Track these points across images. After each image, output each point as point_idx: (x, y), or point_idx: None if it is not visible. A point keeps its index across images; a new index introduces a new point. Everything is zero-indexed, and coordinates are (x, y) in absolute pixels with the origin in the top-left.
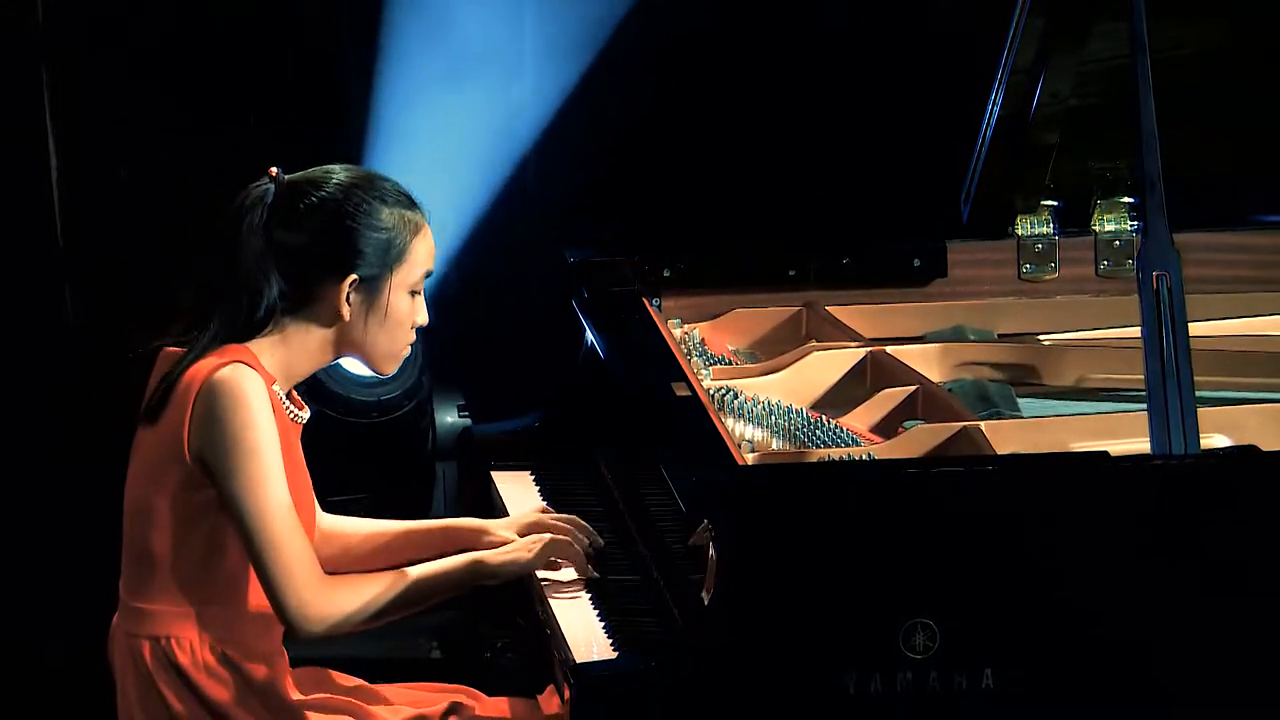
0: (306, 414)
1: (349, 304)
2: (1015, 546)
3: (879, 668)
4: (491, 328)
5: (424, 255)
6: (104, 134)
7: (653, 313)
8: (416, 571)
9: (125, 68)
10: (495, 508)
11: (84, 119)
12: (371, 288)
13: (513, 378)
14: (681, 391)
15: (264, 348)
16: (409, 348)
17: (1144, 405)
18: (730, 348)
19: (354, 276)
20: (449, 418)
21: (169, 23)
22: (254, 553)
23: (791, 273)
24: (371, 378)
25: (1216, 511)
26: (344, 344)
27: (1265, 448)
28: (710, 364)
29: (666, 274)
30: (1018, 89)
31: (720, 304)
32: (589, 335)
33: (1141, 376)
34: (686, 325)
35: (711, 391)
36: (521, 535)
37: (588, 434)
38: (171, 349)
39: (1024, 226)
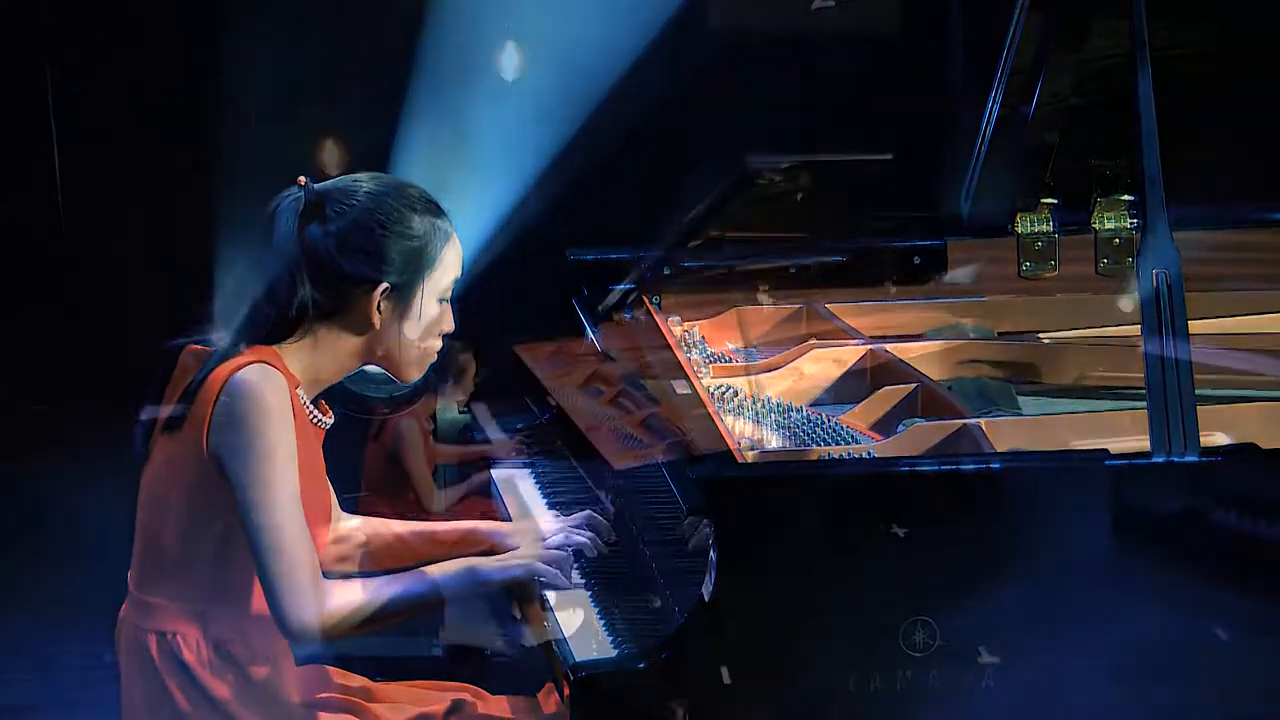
0: (330, 419)
1: (380, 312)
2: (1015, 544)
3: (879, 666)
4: (492, 327)
5: (453, 262)
6: (107, 130)
7: (653, 311)
8: (411, 578)
9: (127, 64)
10: (494, 508)
11: (86, 117)
12: (402, 296)
13: (513, 378)
14: (681, 389)
15: (291, 351)
16: (435, 355)
17: (1144, 403)
18: (730, 345)
19: (385, 285)
20: (449, 416)
21: (172, 18)
22: (256, 553)
23: (791, 271)
24: (382, 374)
25: (1216, 508)
26: (372, 351)
27: (1264, 445)
28: (710, 362)
29: (666, 272)
30: (1018, 88)
31: (720, 302)
32: (589, 334)
33: (1141, 374)
34: (686, 323)
35: (711, 389)
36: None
37: (587, 433)
38: (196, 347)
39: (1024, 225)
